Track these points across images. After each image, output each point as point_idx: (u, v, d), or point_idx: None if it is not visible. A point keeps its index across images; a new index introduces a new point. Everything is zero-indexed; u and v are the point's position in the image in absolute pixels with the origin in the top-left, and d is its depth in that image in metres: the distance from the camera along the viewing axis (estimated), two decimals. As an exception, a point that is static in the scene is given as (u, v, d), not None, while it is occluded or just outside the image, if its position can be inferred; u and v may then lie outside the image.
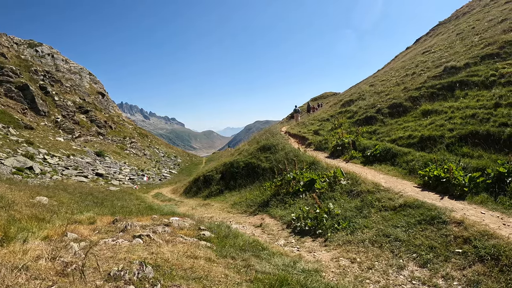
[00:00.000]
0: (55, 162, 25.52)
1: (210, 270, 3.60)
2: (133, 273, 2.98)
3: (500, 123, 10.22)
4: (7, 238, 4.47)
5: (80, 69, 58.42)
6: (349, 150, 13.59)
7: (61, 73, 52.15)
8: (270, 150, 16.54)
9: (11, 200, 7.43)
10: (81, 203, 10.48)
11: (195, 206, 14.05)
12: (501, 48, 15.31)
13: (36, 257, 3.41)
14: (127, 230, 5.17)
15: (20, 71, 40.92)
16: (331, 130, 17.83)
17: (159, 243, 4.39)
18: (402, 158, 10.84)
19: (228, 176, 17.01)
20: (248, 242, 5.88)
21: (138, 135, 60.03)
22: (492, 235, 5.10)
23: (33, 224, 5.60)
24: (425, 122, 12.68)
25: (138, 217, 7.37)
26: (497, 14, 22.08)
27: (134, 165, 39.63)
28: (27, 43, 52.61)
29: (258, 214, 10.40)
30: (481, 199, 7.11)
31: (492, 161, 8.50)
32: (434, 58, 19.89)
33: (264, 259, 4.96)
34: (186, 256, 3.92)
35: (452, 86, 14.34)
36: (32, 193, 9.64)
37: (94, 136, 44.14)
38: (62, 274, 2.97)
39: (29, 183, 13.95)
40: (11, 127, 29.48)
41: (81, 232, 5.28)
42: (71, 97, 47.96)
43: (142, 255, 3.70)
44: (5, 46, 45.57)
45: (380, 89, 20.16)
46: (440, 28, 33.92)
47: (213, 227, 6.66)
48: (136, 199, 16.09)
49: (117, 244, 4.19)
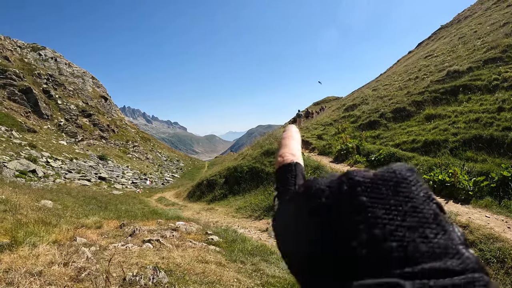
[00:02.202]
0: (58, 165, 25.58)
1: (222, 274, 3.62)
2: (148, 278, 3.00)
3: (504, 127, 10.23)
4: (16, 242, 4.49)
5: (83, 72, 58.71)
6: (353, 154, 13.59)
7: (64, 76, 52.39)
8: (274, 154, 16.53)
9: (17, 203, 7.45)
10: (85, 207, 10.49)
11: (199, 211, 14.06)
12: (504, 52, 15.32)
13: (49, 262, 3.44)
14: (135, 235, 5.19)
15: (24, 75, 41.13)
16: (335, 134, 17.82)
17: (169, 247, 4.41)
18: (406, 163, 10.84)
19: (232, 180, 17.01)
20: (256, 246, 5.90)
21: (140, 139, 60.14)
22: (497, 238, 5.13)
23: (41, 228, 5.62)
24: (428, 127, 12.69)
25: (143, 221, 7.40)
26: (499, 17, 22.12)
27: (137, 169, 39.69)
28: (30, 47, 52.92)
29: (264, 219, 10.41)
30: (485, 203, 7.13)
31: (496, 165, 8.52)
32: (437, 62, 19.92)
33: (273, 263, 4.97)
34: (197, 261, 3.94)
35: (455, 91, 14.36)
36: (36, 196, 9.67)
37: (97, 139, 44.25)
38: (76, 280, 2.99)
39: (32, 187, 13.99)
40: (14, 130, 29.59)
41: (89, 237, 5.31)
42: (74, 100, 48.14)
43: (153, 259, 3.72)
44: (9, 50, 45.84)
45: (383, 93, 20.18)
46: (442, 32, 34.00)
47: (220, 232, 6.68)
48: (140, 203, 16.11)
49: (127, 249, 4.21)
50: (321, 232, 0.29)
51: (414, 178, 0.32)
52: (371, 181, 0.30)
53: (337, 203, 0.30)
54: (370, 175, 0.31)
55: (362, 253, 0.27)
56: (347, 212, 0.29)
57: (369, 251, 0.27)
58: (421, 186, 0.31)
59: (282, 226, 0.35)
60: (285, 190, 0.39)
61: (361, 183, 0.30)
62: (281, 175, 0.41)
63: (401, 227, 0.28)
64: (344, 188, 0.31)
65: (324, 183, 0.33)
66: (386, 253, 0.26)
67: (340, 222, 0.29)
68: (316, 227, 0.30)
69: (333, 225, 0.29)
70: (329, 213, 0.30)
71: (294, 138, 0.47)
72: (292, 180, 0.39)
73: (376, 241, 0.27)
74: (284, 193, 0.38)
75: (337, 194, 0.31)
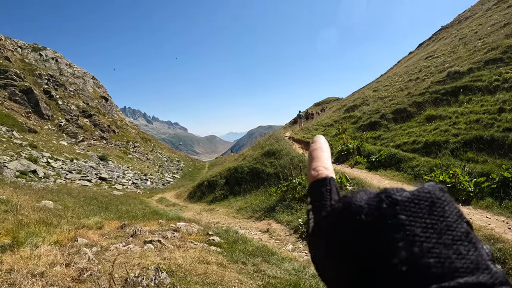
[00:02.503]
0: (59, 165, 25.58)
1: (223, 275, 3.62)
2: (150, 279, 3.01)
3: (504, 128, 10.23)
4: (17, 243, 4.49)
5: (83, 73, 58.77)
6: (354, 155, 13.60)
7: (65, 77, 52.45)
8: (275, 155, 16.56)
9: (18, 204, 7.46)
10: (86, 207, 10.50)
11: (200, 211, 14.06)
12: (504, 52, 15.32)
13: (50, 263, 3.44)
14: (136, 235, 5.20)
15: (24, 75, 41.17)
16: (336, 135, 17.84)
17: (171, 248, 4.42)
18: (407, 164, 10.86)
19: (233, 181, 17.02)
20: (257, 247, 5.90)
21: (141, 139, 60.17)
22: (498, 239, 5.14)
23: (42, 228, 5.62)
24: (429, 128, 12.69)
25: (144, 222, 7.40)
26: (499, 18, 22.12)
27: (137, 169, 39.69)
28: (31, 47, 52.99)
29: (265, 220, 10.41)
30: (486, 203, 7.13)
31: (497, 166, 8.53)
32: (437, 63, 19.93)
33: (274, 264, 4.98)
34: (198, 262, 3.94)
35: (455, 91, 14.36)
36: (37, 197, 9.67)
37: (97, 140, 44.27)
38: (78, 281, 2.99)
39: (33, 187, 13.99)
40: (15, 131, 29.61)
41: (91, 237, 5.31)
42: (75, 101, 48.17)
43: (155, 260, 3.73)
44: (9, 50, 45.89)
45: (383, 94, 20.20)
46: (443, 33, 34.00)
47: (221, 233, 6.68)
48: (140, 203, 16.11)
49: (128, 249, 4.22)
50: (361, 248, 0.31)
51: (446, 198, 0.33)
52: (408, 200, 0.32)
53: (377, 221, 0.32)
54: (407, 194, 0.33)
55: (402, 269, 0.28)
56: (387, 230, 0.31)
57: (409, 267, 0.28)
58: (453, 206, 0.33)
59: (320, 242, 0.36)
60: (321, 205, 0.39)
61: (399, 202, 0.32)
62: (315, 189, 0.42)
63: (437, 244, 0.29)
64: (383, 206, 0.32)
65: (363, 200, 0.34)
66: (424, 269, 0.28)
67: (380, 240, 0.31)
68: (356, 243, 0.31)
69: (372, 242, 0.31)
70: (368, 230, 0.31)
71: (324, 150, 0.48)
72: (327, 195, 0.40)
73: (415, 258, 0.29)
74: (320, 208, 0.39)
75: (376, 211, 0.32)
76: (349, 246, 0.32)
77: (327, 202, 0.39)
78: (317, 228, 0.38)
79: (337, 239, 0.34)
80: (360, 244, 0.31)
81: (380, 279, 0.29)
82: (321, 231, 0.37)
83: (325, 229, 0.36)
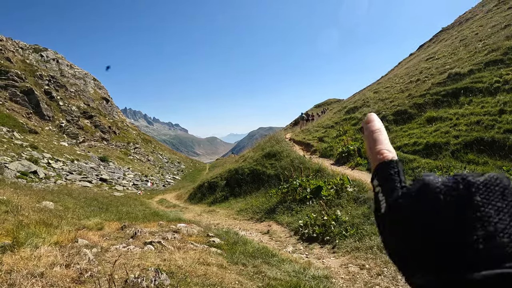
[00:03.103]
0: (59, 166, 25.61)
1: (223, 276, 3.61)
2: (150, 280, 3.00)
3: (505, 130, 10.21)
4: (17, 243, 4.49)
5: (84, 74, 58.88)
6: (354, 157, 13.58)
7: (66, 78, 52.55)
8: (275, 157, 16.54)
9: (18, 204, 7.45)
10: (86, 208, 10.49)
11: (200, 213, 14.05)
12: (505, 54, 15.31)
13: (50, 264, 3.43)
14: (137, 237, 5.19)
15: (25, 76, 41.27)
16: (336, 137, 17.82)
17: (171, 250, 4.41)
18: (407, 165, 10.84)
19: (233, 182, 17.01)
20: (258, 249, 5.89)
21: (141, 140, 60.21)
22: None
23: (42, 229, 5.61)
24: (430, 129, 12.68)
25: (145, 223, 7.40)
26: (500, 19, 22.12)
27: (138, 170, 39.71)
28: (32, 48, 53.13)
29: (265, 221, 10.39)
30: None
31: (497, 168, 8.53)
32: (438, 65, 19.92)
33: (274, 265, 4.96)
34: (198, 263, 3.94)
35: (456, 93, 14.34)
36: (37, 197, 9.66)
37: (98, 141, 44.31)
38: (78, 281, 2.99)
39: (33, 188, 13.99)
40: (15, 131, 29.66)
41: (91, 238, 5.30)
42: (76, 102, 48.25)
43: (155, 261, 3.72)
44: (11, 51, 46.00)
45: (384, 96, 20.19)
46: (443, 35, 34.01)
47: (221, 234, 6.67)
48: (141, 204, 16.11)
49: (129, 250, 4.21)
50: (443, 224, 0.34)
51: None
52: (482, 184, 0.35)
53: (455, 200, 0.34)
54: (481, 179, 0.36)
55: (479, 247, 0.31)
56: (464, 209, 0.34)
57: (485, 246, 0.31)
58: None
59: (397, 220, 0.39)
60: (392, 186, 0.41)
61: (474, 184, 0.35)
62: (383, 172, 0.45)
63: (509, 226, 0.32)
64: (460, 187, 0.35)
65: (439, 182, 0.36)
66: (499, 248, 0.31)
67: (458, 218, 0.33)
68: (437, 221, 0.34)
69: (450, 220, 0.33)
70: (447, 209, 0.34)
71: (383, 131, 0.51)
72: (396, 177, 0.43)
73: (491, 237, 0.31)
74: (392, 189, 0.41)
75: (454, 191, 0.35)
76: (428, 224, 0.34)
77: (397, 183, 0.41)
78: (393, 207, 0.39)
79: (416, 217, 0.36)
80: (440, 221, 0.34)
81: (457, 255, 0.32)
82: (398, 210, 0.39)
83: (402, 208, 0.38)
